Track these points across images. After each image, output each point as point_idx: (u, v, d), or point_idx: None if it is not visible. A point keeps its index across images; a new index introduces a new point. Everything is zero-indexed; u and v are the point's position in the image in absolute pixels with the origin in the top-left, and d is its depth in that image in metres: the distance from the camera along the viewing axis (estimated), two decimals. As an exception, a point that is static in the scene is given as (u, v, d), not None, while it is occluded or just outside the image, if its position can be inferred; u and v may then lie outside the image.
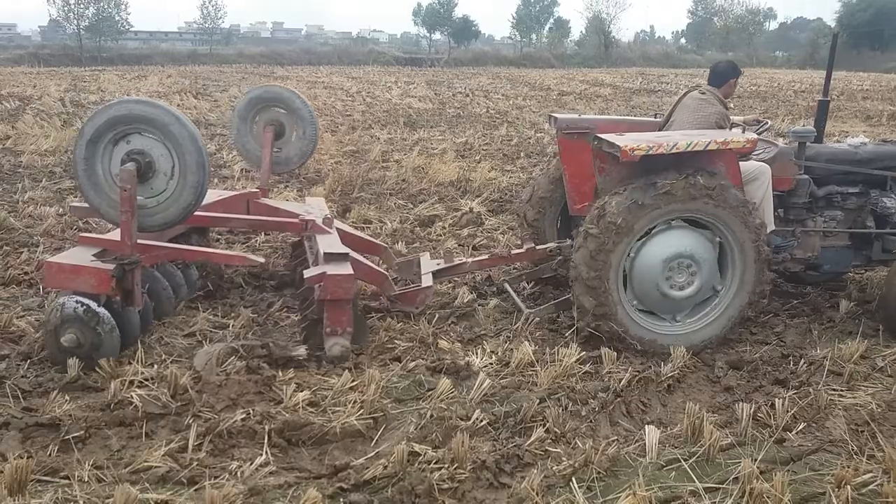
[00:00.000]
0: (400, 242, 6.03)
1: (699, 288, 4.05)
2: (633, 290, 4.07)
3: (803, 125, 8.97)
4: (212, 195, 4.82)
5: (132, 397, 3.25)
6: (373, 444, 3.11)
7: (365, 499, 2.71)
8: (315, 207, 5.26)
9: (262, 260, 4.37)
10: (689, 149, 3.86)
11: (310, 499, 2.59)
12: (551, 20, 74.61)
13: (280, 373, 3.60)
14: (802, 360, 3.93)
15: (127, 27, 54.01)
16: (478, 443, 3.06)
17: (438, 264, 4.77)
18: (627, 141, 3.85)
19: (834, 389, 3.64)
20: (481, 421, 3.21)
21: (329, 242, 4.38)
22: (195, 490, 2.72)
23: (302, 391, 3.41)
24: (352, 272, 3.96)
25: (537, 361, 3.81)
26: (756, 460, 2.93)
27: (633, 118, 6.16)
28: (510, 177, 9.26)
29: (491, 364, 3.84)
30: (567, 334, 4.17)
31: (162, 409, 3.23)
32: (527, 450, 3.04)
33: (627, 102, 20.87)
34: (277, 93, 5.66)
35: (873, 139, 5.32)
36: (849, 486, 2.74)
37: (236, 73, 30.36)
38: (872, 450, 3.09)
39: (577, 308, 4.06)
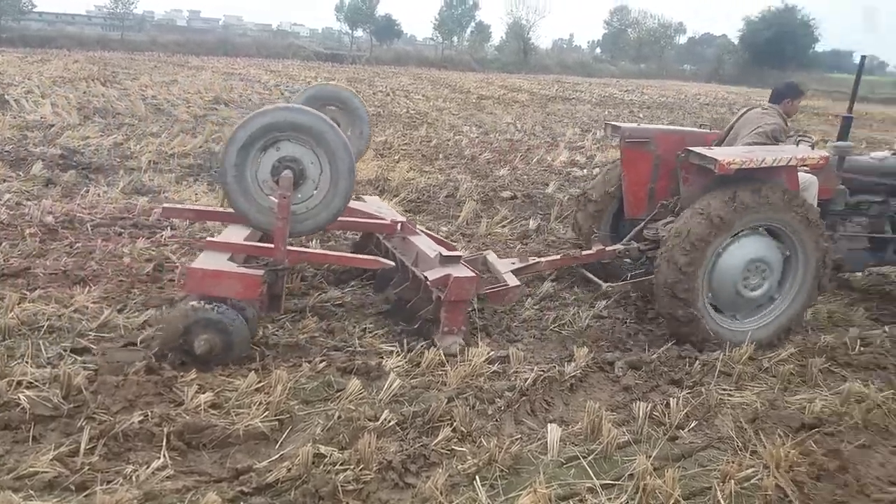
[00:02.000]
0: (314, 241, 5.95)
1: (766, 291, 4.43)
2: (710, 286, 4.35)
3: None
4: None
5: (19, 399, 3.08)
6: (277, 446, 3.06)
7: (266, 502, 2.67)
8: (383, 207, 5.40)
9: (393, 264, 4.41)
10: (774, 164, 4.25)
11: (209, 503, 2.53)
12: (473, 24, 75.33)
13: (182, 373, 3.49)
14: (697, 361, 4.14)
15: (30, 7, 50.86)
16: (385, 443, 3.07)
17: (513, 263, 4.89)
18: (722, 155, 4.20)
19: (724, 389, 3.85)
20: (389, 421, 3.22)
21: (427, 244, 4.59)
22: (85, 496, 2.61)
23: (204, 392, 3.32)
24: (474, 274, 4.13)
25: (447, 361, 3.85)
26: (650, 457, 3.07)
27: (687, 129, 6.49)
28: (428, 177, 9.31)
29: (402, 364, 3.85)
30: (477, 336, 4.25)
31: (53, 412, 3.07)
32: (433, 449, 3.08)
33: (543, 109, 21.33)
34: (335, 92, 5.66)
35: (892, 152, 5.82)
36: (732, 481, 2.91)
37: (149, 62, 29.11)
38: (755, 446, 3.29)
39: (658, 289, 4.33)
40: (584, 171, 10.68)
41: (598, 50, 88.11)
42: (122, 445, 2.90)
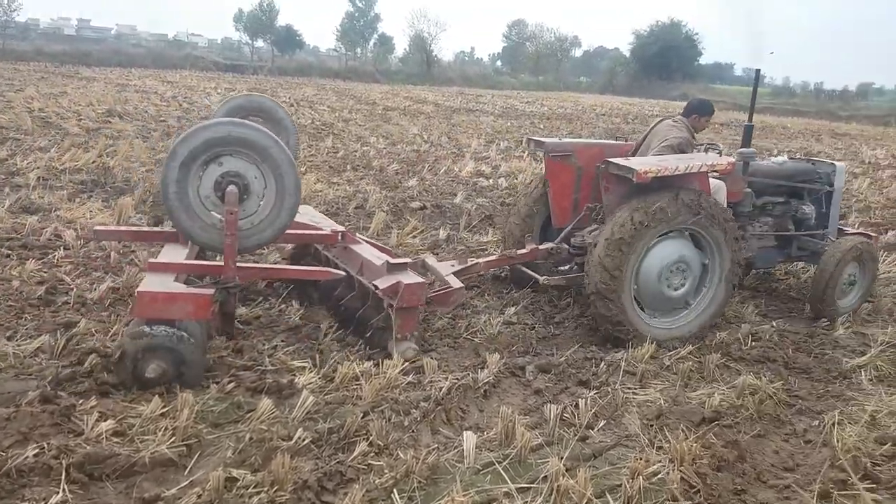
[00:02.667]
0: (219, 256, 5.76)
1: (687, 290, 4.75)
2: (637, 287, 4.62)
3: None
4: None
5: None
6: (186, 472, 2.95)
7: (177, 531, 2.56)
8: (318, 217, 5.36)
9: (343, 273, 4.40)
10: (687, 171, 4.56)
11: (114, 536, 2.41)
12: (376, 36, 75.38)
13: (81, 401, 3.30)
14: (602, 362, 4.29)
15: None
16: (300, 462, 3.01)
17: (453, 265, 4.93)
18: (639, 164, 4.46)
19: (629, 388, 4.01)
20: (304, 439, 3.16)
21: (371, 252, 4.62)
22: (-25, 540, 2.42)
23: (106, 420, 3.15)
24: (423, 280, 4.19)
25: (361, 375, 3.82)
26: (562, 458, 3.15)
27: (604, 142, 6.86)
28: (337, 189, 9.22)
29: (315, 380, 3.79)
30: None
31: (-66, 451, 2.84)
32: (350, 465, 3.04)
33: (448, 120, 21.58)
34: (258, 102, 5.49)
35: (790, 157, 6.27)
36: (641, 477, 3.02)
37: (34, 72, 27.43)
38: (661, 442, 3.44)
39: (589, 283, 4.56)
40: (490, 181, 10.87)
41: (498, 63, 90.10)
42: (15, 482, 2.71)
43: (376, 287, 4.16)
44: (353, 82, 44.08)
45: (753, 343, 4.83)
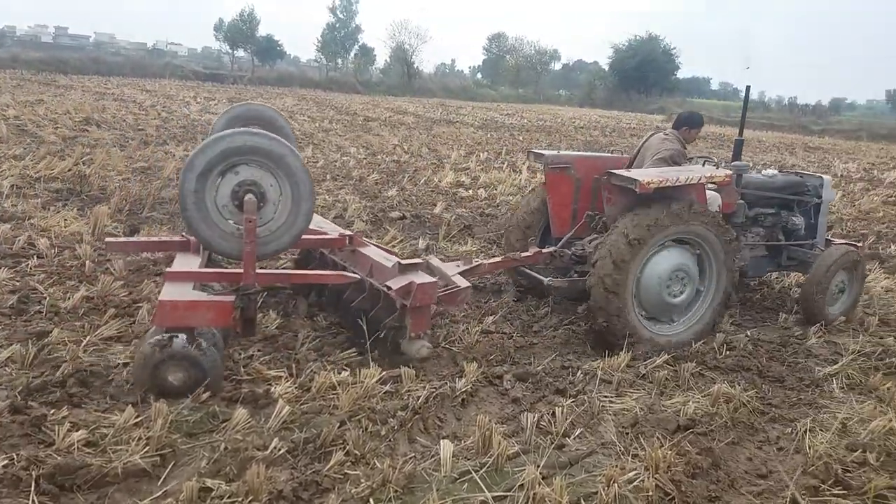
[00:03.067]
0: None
1: (687, 297, 4.92)
2: (639, 295, 4.78)
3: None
4: None
5: None
6: (160, 482, 2.91)
7: (149, 541, 2.53)
8: (323, 222, 5.46)
9: (358, 276, 4.47)
10: (687, 182, 4.76)
11: (84, 548, 2.37)
12: (356, 47, 75.52)
13: (52, 411, 3.26)
14: (579, 371, 4.32)
15: None
16: (275, 472, 2.99)
17: (458, 266, 4.95)
18: (641, 176, 4.63)
19: (605, 396, 4.04)
20: (280, 449, 3.14)
21: (380, 254, 4.67)
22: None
23: (78, 430, 3.11)
24: (435, 280, 4.25)
25: (338, 384, 3.81)
26: (539, 466, 3.16)
27: (601, 154, 6.96)
28: (316, 199, 9.16)
29: (292, 390, 3.77)
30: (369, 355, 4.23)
31: None
32: (326, 475, 3.03)
33: (429, 131, 21.64)
34: (259, 111, 5.53)
35: (780, 170, 6.48)
36: (616, 484, 3.04)
37: (10, 80, 27.07)
38: (636, 449, 3.47)
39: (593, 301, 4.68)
40: (470, 191, 10.91)
41: (479, 75, 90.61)
42: (-18, 494, 2.67)
43: (389, 288, 4.19)
44: (333, 93, 44.06)
45: (728, 352, 4.88)
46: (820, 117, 50.53)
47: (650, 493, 3.06)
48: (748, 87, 6.71)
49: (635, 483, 3.12)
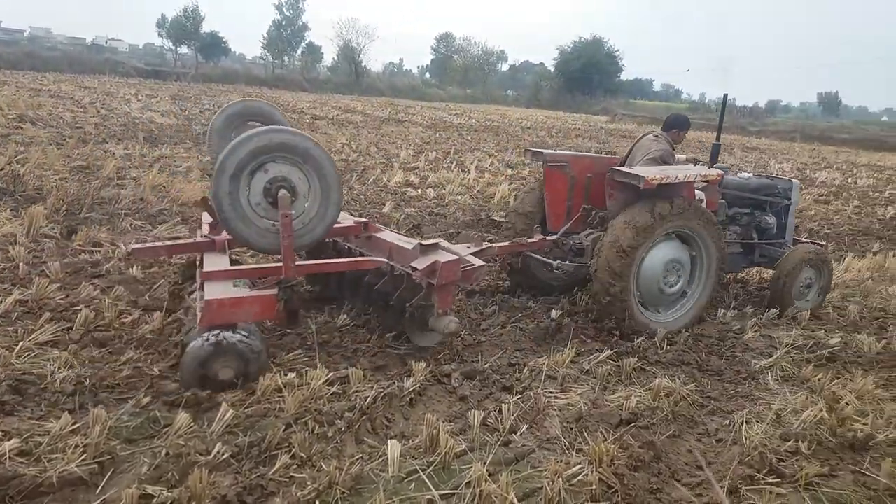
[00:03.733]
0: (135, 267, 5.58)
1: (681, 287, 5.32)
2: (638, 286, 5.10)
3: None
4: None
5: None
6: (98, 490, 2.83)
7: (87, 552, 2.46)
8: None
9: (385, 259, 4.54)
10: (685, 180, 5.13)
11: (17, 561, 2.29)
12: (303, 44, 74.64)
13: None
14: (525, 367, 4.37)
15: None
16: (218, 477, 2.94)
17: (469, 248, 5.07)
18: (646, 173, 4.94)
19: (551, 392, 4.09)
20: (223, 454, 3.09)
21: (397, 238, 4.80)
22: None
23: (10, 439, 2.99)
24: (458, 257, 4.38)
25: (284, 386, 3.77)
26: (485, 463, 3.18)
27: (593, 154, 7.35)
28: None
29: (236, 393, 3.71)
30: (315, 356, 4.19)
31: None
32: (271, 479, 2.99)
33: (377, 130, 21.55)
34: (257, 107, 5.59)
35: (753, 174, 6.96)
36: (561, 479, 3.09)
37: (-66, 74, 25.89)
38: (581, 444, 3.53)
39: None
40: (419, 191, 10.92)
41: (427, 74, 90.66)
42: None
43: (414, 268, 4.27)
44: (280, 90, 43.47)
45: (669, 347, 5.01)
46: (757, 119, 52.28)
47: (593, 487, 3.11)
48: (725, 95, 7.18)
49: (579, 477, 3.17)
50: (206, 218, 5.17)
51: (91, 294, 4.89)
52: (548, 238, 5.70)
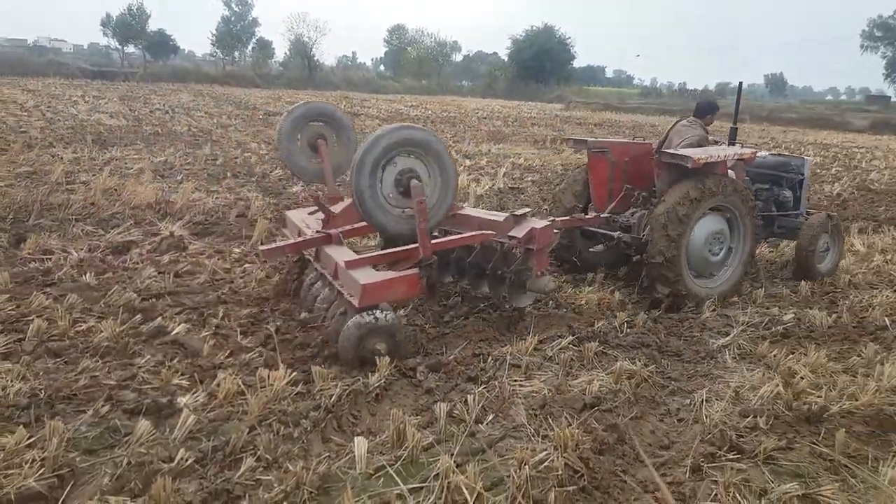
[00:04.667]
0: (88, 274, 5.44)
1: (723, 256, 5.95)
2: (688, 255, 5.69)
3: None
4: None
5: None
6: (58, 504, 2.77)
7: (48, 568, 2.40)
8: None
9: (494, 232, 4.97)
10: (726, 159, 5.88)
11: (-25, 582, 2.23)
12: (254, 40, 73.50)
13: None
14: (490, 357, 4.40)
15: None
16: (183, 484, 2.90)
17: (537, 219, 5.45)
18: (693, 154, 5.58)
19: (515, 380, 4.13)
20: (187, 460, 3.04)
21: (482, 213, 5.29)
22: None
23: (-37, 457, 2.90)
24: (550, 222, 5.17)
25: (247, 388, 3.72)
26: (453, 455, 3.20)
27: (630, 141, 7.85)
28: (216, 197, 8.91)
29: (198, 398, 3.65)
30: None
31: None
32: (237, 482, 2.96)
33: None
34: (320, 108, 6.16)
35: (770, 153, 7.74)
36: (527, 466, 3.12)
37: None
38: (546, 430, 3.56)
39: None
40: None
41: (381, 67, 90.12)
42: None
43: (512, 237, 4.86)
44: (231, 87, 42.75)
45: (628, 330, 5.10)
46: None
47: (560, 472, 3.14)
48: (741, 84, 7.73)
49: (546, 463, 3.20)
50: (295, 216, 5.67)
51: (43, 303, 4.76)
52: (601, 215, 6.22)
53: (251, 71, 55.30)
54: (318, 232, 5.00)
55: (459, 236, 4.93)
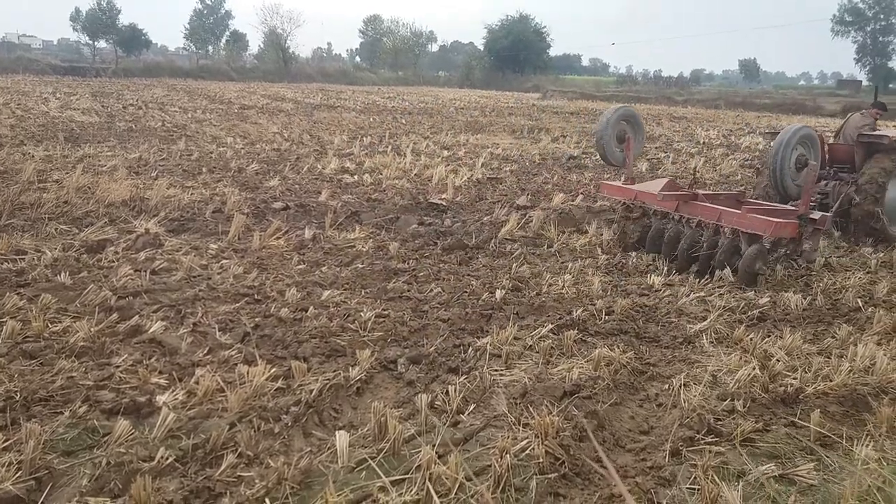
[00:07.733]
0: (63, 274, 5.36)
1: None
2: (885, 207, 7.86)
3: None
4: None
5: None
6: (37, 507, 2.74)
7: (27, 572, 2.38)
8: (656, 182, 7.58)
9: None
10: None
11: (-48, 588, 2.20)
12: (227, 33, 72.66)
13: None
14: (470, 348, 4.41)
15: None
16: (163, 482, 2.88)
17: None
18: (891, 133, 8.07)
19: (496, 370, 4.15)
20: (167, 458, 3.02)
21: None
22: None
23: (-63, 463, 2.86)
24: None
25: (226, 385, 3.70)
26: (434, 445, 3.21)
27: (819, 130, 9.54)
28: (192, 193, 8.81)
29: (177, 396, 3.62)
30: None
31: None
32: (218, 479, 2.94)
33: (309, 117, 21.21)
34: (629, 112, 8.90)
35: None
36: (509, 455, 3.14)
37: None
38: (527, 418, 3.58)
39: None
40: (355, 177, 10.81)
41: (357, 58, 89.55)
42: None
43: (812, 220, 6.33)
44: (205, 81, 42.27)
45: (607, 317, 5.13)
46: (682, 88, 53.57)
47: (541, 460, 3.17)
48: (877, 87, 10.08)
49: (527, 452, 3.23)
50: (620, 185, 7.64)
51: (17, 304, 4.69)
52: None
53: (225, 64, 54.71)
54: (693, 192, 6.89)
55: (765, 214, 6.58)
